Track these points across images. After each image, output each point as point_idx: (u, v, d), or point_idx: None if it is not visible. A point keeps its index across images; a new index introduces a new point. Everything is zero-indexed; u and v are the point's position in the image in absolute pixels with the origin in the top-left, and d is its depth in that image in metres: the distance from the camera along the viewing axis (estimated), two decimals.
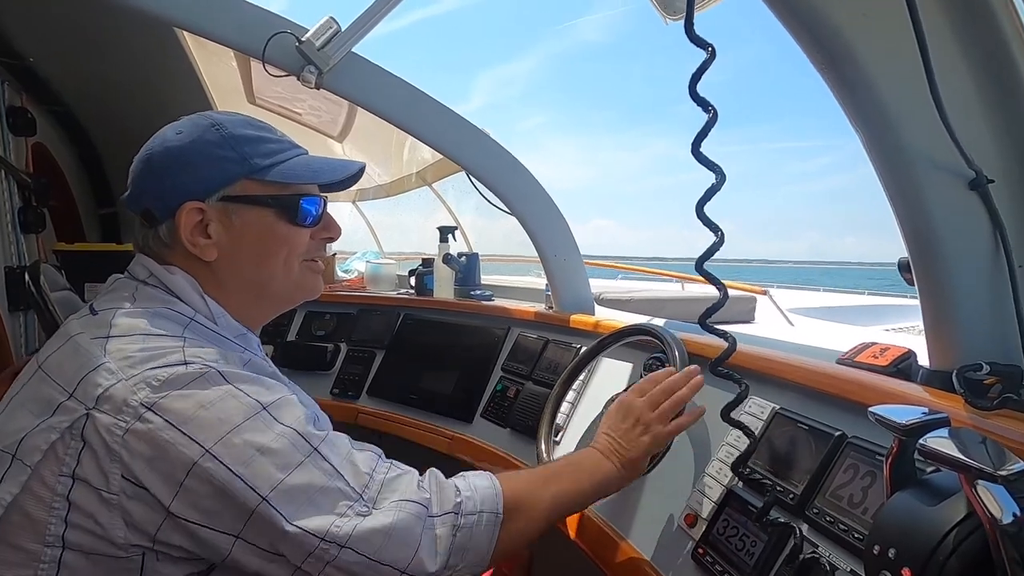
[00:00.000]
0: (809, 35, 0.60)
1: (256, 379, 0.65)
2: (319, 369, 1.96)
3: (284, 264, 0.75)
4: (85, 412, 0.59)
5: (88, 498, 0.59)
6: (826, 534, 0.71)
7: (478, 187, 1.70)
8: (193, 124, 0.72)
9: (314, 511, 0.60)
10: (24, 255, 2.26)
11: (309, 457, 0.62)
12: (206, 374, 0.62)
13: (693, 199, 0.60)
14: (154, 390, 0.59)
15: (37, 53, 2.20)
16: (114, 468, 0.58)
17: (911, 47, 0.57)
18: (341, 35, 1.27)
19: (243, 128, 0.72)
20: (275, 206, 0.73)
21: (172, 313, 0.68)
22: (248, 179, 0.71)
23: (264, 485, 0.59)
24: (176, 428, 0.59)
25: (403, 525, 0.63)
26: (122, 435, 0.58)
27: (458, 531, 0.67)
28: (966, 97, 0.64)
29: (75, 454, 0.59)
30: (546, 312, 1.62)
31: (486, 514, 0.69)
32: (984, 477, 0.45)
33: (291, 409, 0.65)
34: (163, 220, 0.71)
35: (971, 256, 0.69)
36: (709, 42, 0.54)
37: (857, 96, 0.61)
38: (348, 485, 0.63)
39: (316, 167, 0.76)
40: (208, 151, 0.70)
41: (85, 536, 0.59)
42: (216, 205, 0.70)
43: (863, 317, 5.20)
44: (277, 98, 2.26)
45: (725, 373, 0.71)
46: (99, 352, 0.62)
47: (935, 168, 0.64)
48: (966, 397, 0.66)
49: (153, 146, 0.71)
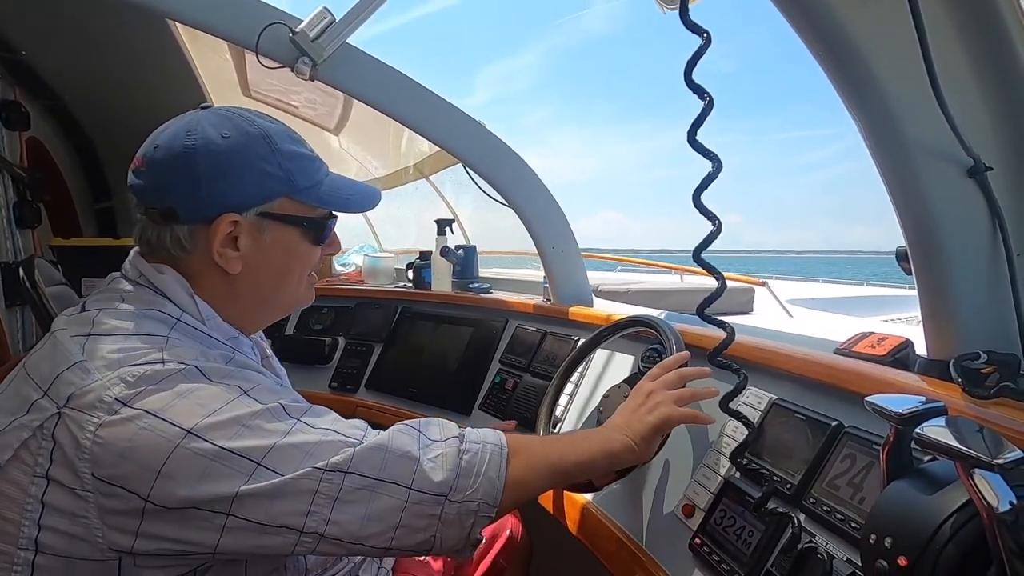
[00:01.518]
0: (807, 23, 0.60)
1: (237, 372, 0.64)
2: (317, 363, 1.96)
3: (297, 280, 0.76)
4: (56, 411, 0.58)
5: (63, 499, 0.57)
6: (823, 524, 0.71)
7: (475, 179, 1.70)
8: (240, 130, 0.68)
9: (313, 460, 0.59)
10: (19, 250, 2.26)
11: (295, 425, 0.61)
12: (183, 370, 0.60)
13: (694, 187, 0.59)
14: (129, 386, 0.58)
15: (30, 46, 2.19)
16: (85, 467, 0.56)
17: (909, 34, 0.57)
18: (335, 26, 1.26)
19: (287, 143, 0.71)
20: (305, 227, 0.73)
21: (159, 314, 0.66)
22: (286, 198, 0.71)
23: (256, 452, 0.58)
24: (153, 415, 0.57)
25: (399, 441, 0.63)
26: (94, 431, 0.56)
27: (464, 454, 0.66)
28: (964, 85, 0.64)
29: (47, 454, 0.57)
30: (544, 304, 1.62)
31: (491, 445, 0.68)
32: (981, 465, 0.45)
33: (271, 391, 0.64)
34: (188, 222, 0.68)
35: (969, 244, 0.69)
36: (704, 28, 0.53)
37: (856, 85, 0.60)
38: (344, 436, 0.62)
39: (347, 194, 0.77)
40: (256, 165, 0.68)
41: (60, 539, 0.57)
42: (251, 219, 0.69)
43: (862, 308, 5.20)
44: (272, 91, 2.25)
45: (723, 363, 0.71)
46: (77, 350, 0.61)
47: (933, 156, 0.64)
48: (963, 386, 0.65)
49: (195, 144, 0.66)
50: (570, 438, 0.80)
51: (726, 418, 0.94)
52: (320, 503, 0.59)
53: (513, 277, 2.09)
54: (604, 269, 5.28)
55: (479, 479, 0.65)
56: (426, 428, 0.68)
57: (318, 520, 0.59)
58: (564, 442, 0.79)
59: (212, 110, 0.71)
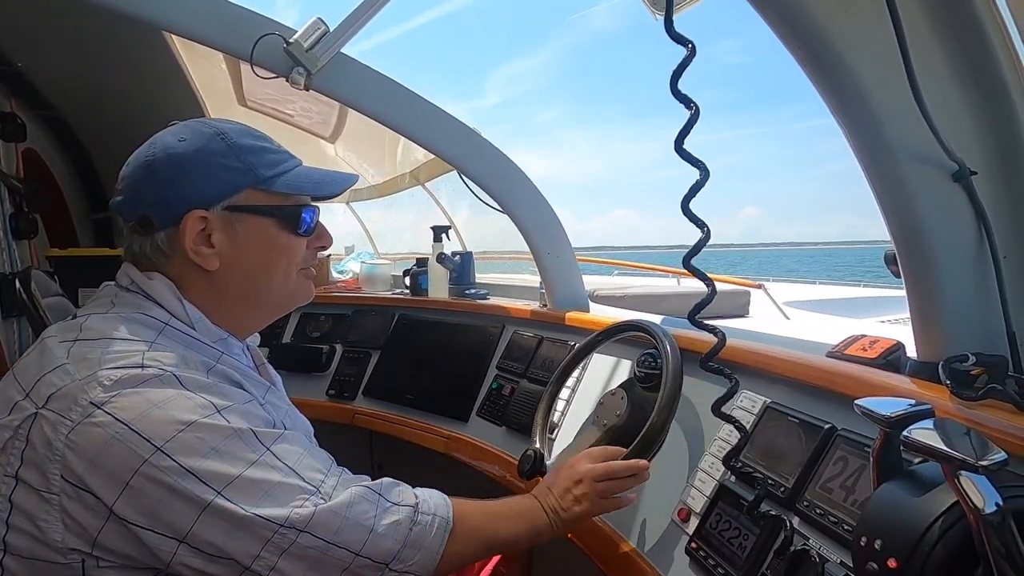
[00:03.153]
0: (790, 31, 0.60)
1: (213, 386, 0.64)
2: (315, 370, 1.96)
3: (284, 273, 0.76)
4: (34, 411, 0.59)
5: (29, 499, 0.58)
6: (816, 526, 0.72)
7: (470, 186, 1.70)
8: (196, 132, 0.71)
9: (271, 502, 0.60)
10: (16, 261, 2.26)
11: (263, 456, 0.62)
12: (161, 376, 0.61)
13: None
14: (105, 389, 0.59)
15: (26, 58, 2.20)
16: (54, 468, 0.57)
17: (891, 40, 0.58)
18: (329, 36, 1.27)
19: (245, 138, 0.73)
20: (278, 216, 0.74)
21: (146, 318, 0.68)
22: (253, 189, 0.72)
23: (218, 481, 0.59)
24: (125, 425, 0.58)
25: (358, 506, 0.64)
26: (67, 433, 0.57)
27: (415, 526, 0.68)
28: (946, 91, 0.65)
29: (19, 454, 0.58)
30: (540, 310, 1.62)
31: (439, 518, 0.71)
32: (967, 468, 0.45)
33: (245, 413, 0.64)
34: (163, 228, 0.70)
35: (956, 247, 0.70)
36: (689, 39, 0.54)
37: (839, 90, 0.61)
38: (304, 481, 0.63)
39: (317, 179, 0.77)
40: (214, 160, 0.70)
41: (24, 539, 0.58)
42: (220, 214, 0.70)
43: (859, 309, 5.21)
44: (268, 100, 2.26)
45: (715, 368, 0.71)
46: (62, 354, 0.62)
47: (918, 161, 0.65)
48: (952, 388, 0.66)
49: (155, 152, 0.70)
50: (505, 512, 0.82)
51: (720, 423, 0.94)
52: (269, 550, 0.60)
53: (510, 282, 2.10)
54: (602, 273, 5.29)
55: (420, 551, 0.68)
56: (387, 490, 0.69)
57: (263, 565, 0.60)
58: (499, 517, 0.81)
59: (175, 124, 0.74)
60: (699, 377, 1.02)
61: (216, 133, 0.71)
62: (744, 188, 33.39)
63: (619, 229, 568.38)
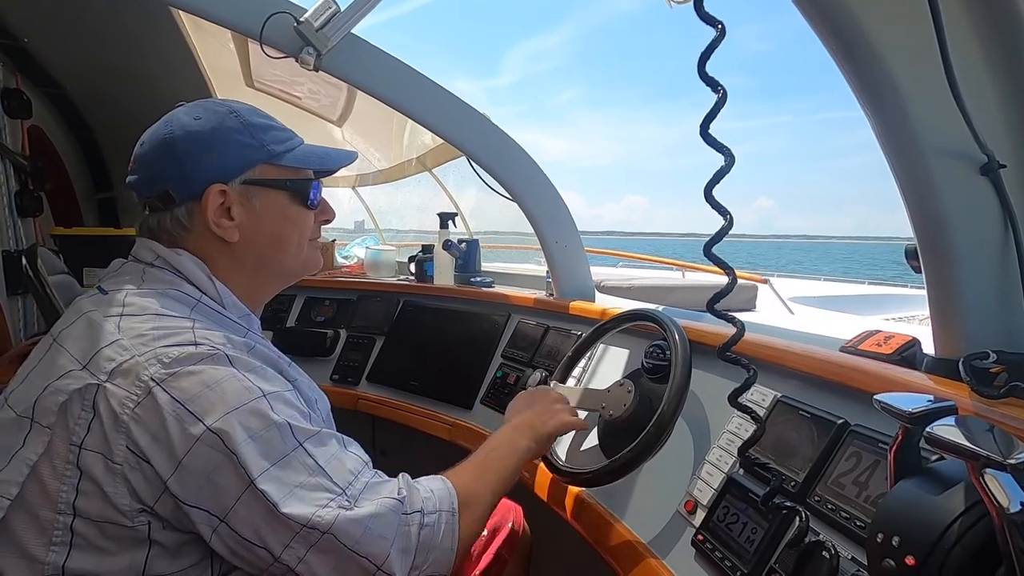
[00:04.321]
0: (822, 18, 0.59)
1: (259, 368, 0.67)
2: (319, 355, 1.96)
3: (297, 244, 0.80)
4: (97, 383, 0.62)
5: (96, 466, 0.61)
6: (827, 521, 0.71)
7: (479, 172, 1.69)
8: (210, 111, 0.75)
9: (296, 500, 0.62)
10: (21, 239, 2.25)
11: (295, 451, 0.64)
12: (214, 355, 0.64)
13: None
14: (165, 366, 0.62)
15: (31, 34, 2.17)
16: (120, 439, 0.60)
17: (927, 30, 0.56)
18: (340, 16, 1.25)
19: (255, 116, 0.77)
20: (290, 189, 0.78)
21: (179, 294, 0.71)
22: (266, 164, 0.76)
23: (253, 469, 0.61)
24: (181, 405, 0.61)
25: (382, 518, 0.65)
26: (133, 408, 0.61)
27: (423, 529, 0.69)
28: (980, 81, 0.63)
29: (85, 424, 0.61)
30: (546, 299, 1.61)
31: (444, 512, 0.72)
32: (992, 465, 0.44)
33: (286, 403, 0.67)
34: (183, 203, 0.73)
35: (980, 242, 0.68)
36: (719, 20, 0.52)
37: (870, 79, 0.59)
38: (331, 481, 0.64)
39: (321, 154, 0.82)
40: (231, 137, 0.74)
41: (93, 503, 0.61)
42: (238, 188, 0.74)
43: (863, 306, 5.19)
44: (276, 81, 2.23)
45: (733, 358, 0.70)
46: (113, 329, 0.65)
47: (946, 152, 0.63)
48: (972, 385, 0.65)
49: (172, 130, 0.73)
50: (495, 459, 0.85)
51: (729, 415, 0.93)
52: (298, 543, 0.62)
53: (515, 271, 2.09)
54: (607, 264, 5.28)
55: (432, 551, 0.69)
56: (409, 503, 0.69)
57: (293, 556, 0.62)
58: (494, 467, 0.84)
59: (184, 104, 0.78)
60: (707, 369, 1.01)
61: (230, 111, 0.75)
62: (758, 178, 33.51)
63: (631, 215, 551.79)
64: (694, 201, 32.80)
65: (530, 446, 0.90)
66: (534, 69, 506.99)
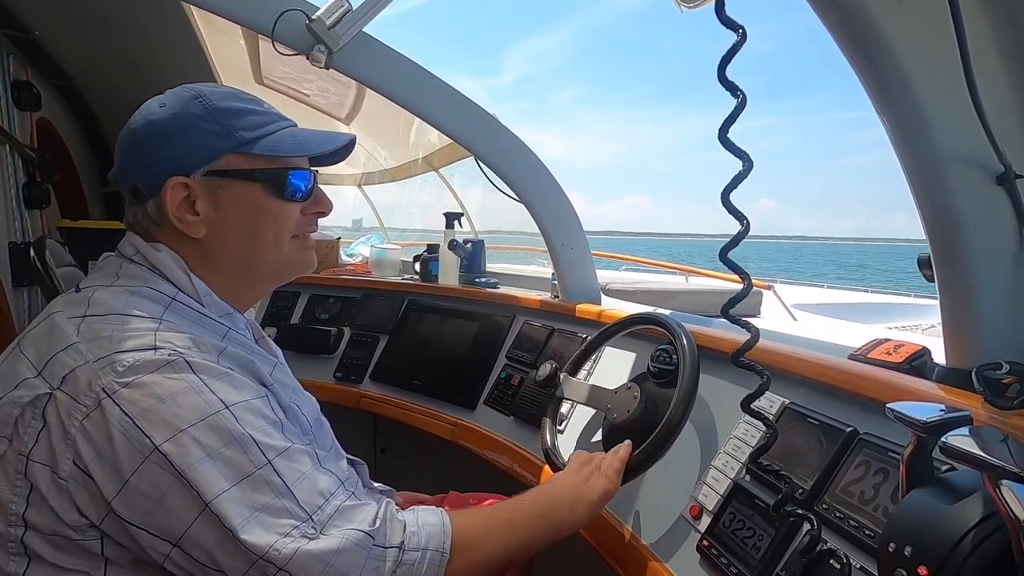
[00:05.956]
0: (840, 21, 0.58)
1: (225, 374, 0.62)
2: (322, 353, 1.96)
3: (274, 240, 0.73)
4: (48, 391, 0.58)
5: (43, 478, 0.58)
6: (836, 530, 0.71)
7: (486, 173, 1.68)
8: (176, 96, 0.69)
9: (257, 526, 0.57)
10: (28, 231, 2.26)
11: (261, 469, 0.59)
12: (173, 362, 0.59)
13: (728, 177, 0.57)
14: (118, 375, 0.58)
15: (43, 27, 2.18)
16: (67, 452, 0.57)
17: (947, 35, 0.56)
18: (352, 14, 1.25)
19: (228, 100, 0.70)
20: (263, 180, 0.70)
21: (153, 292, 0.66)
22: (234, 153, 0.69)
23: (209, 491, 0.56)
24: (131, 419, 0.57)
25: (346, 555, 0.59)
26: (80, 420, 0.57)
27: (399, 567, 0.62)
28: (998, 89, 0.62)
29: (34, 433, 0.58)
30: (552, 301, 1.61)
31: (430, 552, 0.65)
32: (1008, 476, 0.44)
33: (254, 414, 0.61)
34: (150, 196, 0.69)
35: (994, 252, 0.68)
36: (740, 24, 0.52)
37: (888, 85, 0.59)
38: (297, 505, 0.59)
39: (302, 139, 0.73)
40: (191, 124, 0.68)
41: (43, 516, 0.58)
42: (202, 180, 0.68)
43: (867, 315, 5.17)
44: (285, 78, 2.24)
45: (746, 364, 0.70)
46: (72, 332, 0.61)
47: (963, 161, 0.63)
48: (985, 396, 0.64)
49: (136, 119, 0.69)
50: (519, 519, 0.75)
51: (735, 421, 0.93)
52: (254, 573, 0.58)
53: (520, 273, 2.09)
54: (610, 268, 5.27)
55: None
56: (381, 534, 0.63)
57: None
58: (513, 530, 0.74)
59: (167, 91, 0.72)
60: (714, 374, 1.01)
61: (194, 96, 0.69)
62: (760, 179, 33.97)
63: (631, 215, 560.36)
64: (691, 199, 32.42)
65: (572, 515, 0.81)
66: (536, 68, 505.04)
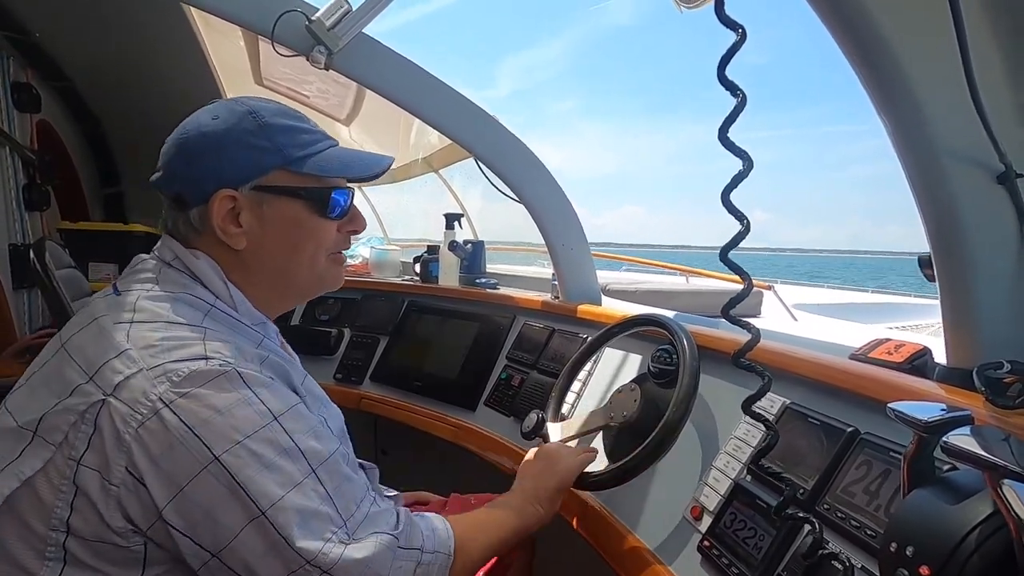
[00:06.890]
0: (839, 20, 0.58)
1: (271, 384, 0.65)
2: (322, 354, 1.96)
3: (311, 256, 0.75)
4: (102, 398, 0.59)
5: (92, 484, 0.58)
6: (837, 530, 0.70)
7: (486, 174, 1.68)
8: (229, 110, 0.71)
9: (305, 532, 0.60)
10: (28, 232, 2.26)
11: (308, 478, 0.62)
12: (226, 373, 0.62)
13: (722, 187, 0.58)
14: (173, 385, 0.59)
15: (43, 28, 2.18)
16: (120, 459, 0.58)
17: (947, 33, 0.56)
18: (352, 15, 1.25)
19: (279, 117, 0.72)
20: (307, 198, 0.73)
21: (192, 299, 0.68)
22: (281, 170, 0.72)
23: (265, 500, 0.59)
24: (189, 429, 0.59)
25: (379, 558, 0.65)
26: (136, 428, 0.58)
27: (419, 567, 0.68)
28: (998, 89, 0.62)
29: (85, 439, 0.59)
30: (552, 302, 1.61)
31: (441, 555, 0.72)
32: (1010, 476, 0.44)
33: (299, 422, 0.65)
34: (194, 205, 0.71)
35: (995, 251, 0.68)
36: (740, 23, 0.52)
37: (888, 84, 0.59)
38: (336, 511, 0.63)
39: (347, 160, 0.76)
40: (244, 139, 0.70)
41: (88, 522, 0.59)
42: (249, 194, 0.71)
43: (867, 314, 5.18)
44: (285, 79, 2.24)
45: (747, 365, 0.70)
46: (121, 338, 0.62)
47: (963, 160, 0.63)
48: (987, 395, 0.64)
49: (188, 130, 0.71)
50: (497, 519, 0.86)
51: (736, 421, 0.93)
52: None
53: (520, 274, 2.09)
54: (610, 268, 5.27)
55: None
56: (406, 537, 0.69)
57: None
58: (492, 527, 0.84)
59: (216, 102, 0.74)
60: (715, 375, 1.01)
61: (248, 112, 0.71)
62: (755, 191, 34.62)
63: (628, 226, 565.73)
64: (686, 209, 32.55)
65: (537, 511, 0.90)
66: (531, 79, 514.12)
